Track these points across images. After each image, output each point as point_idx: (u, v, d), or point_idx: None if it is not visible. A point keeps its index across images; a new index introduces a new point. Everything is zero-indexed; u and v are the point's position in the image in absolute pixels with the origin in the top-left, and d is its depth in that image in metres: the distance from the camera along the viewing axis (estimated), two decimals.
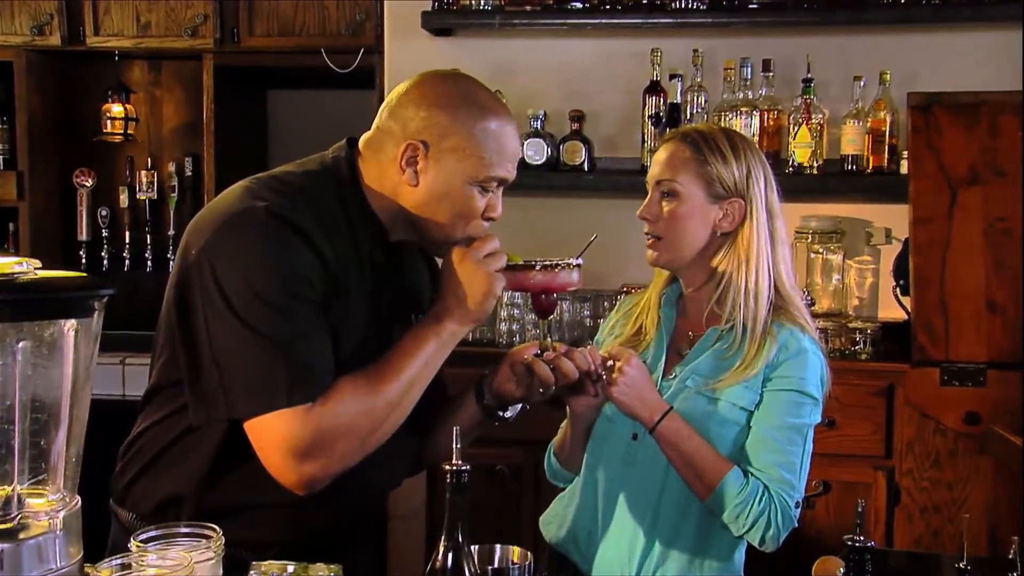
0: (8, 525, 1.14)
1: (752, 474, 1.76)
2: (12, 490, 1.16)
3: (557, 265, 1.66)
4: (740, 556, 1.86)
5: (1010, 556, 1.50)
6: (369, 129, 1.74)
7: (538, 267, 1.65)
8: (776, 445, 1.77)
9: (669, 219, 1.87)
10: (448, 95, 1.67)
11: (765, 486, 1.74)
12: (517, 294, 3.49)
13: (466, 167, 1.62)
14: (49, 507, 1.18)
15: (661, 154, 1.91)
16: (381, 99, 3.61)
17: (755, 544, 1.77)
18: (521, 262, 1.67)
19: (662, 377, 1.87)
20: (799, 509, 1.78)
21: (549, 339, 1.73)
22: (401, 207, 1.66)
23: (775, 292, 1.86)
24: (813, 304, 3.24)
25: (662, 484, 1.81)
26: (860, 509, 1.24)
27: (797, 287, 1.93)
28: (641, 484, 1.83)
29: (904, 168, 3.20)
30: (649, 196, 1.91)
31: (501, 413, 1.81)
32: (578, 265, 1.69)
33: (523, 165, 3.49)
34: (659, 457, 1.79)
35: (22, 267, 1.17)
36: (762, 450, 1.78)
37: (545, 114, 3.52)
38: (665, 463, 1.79)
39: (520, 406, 1.83)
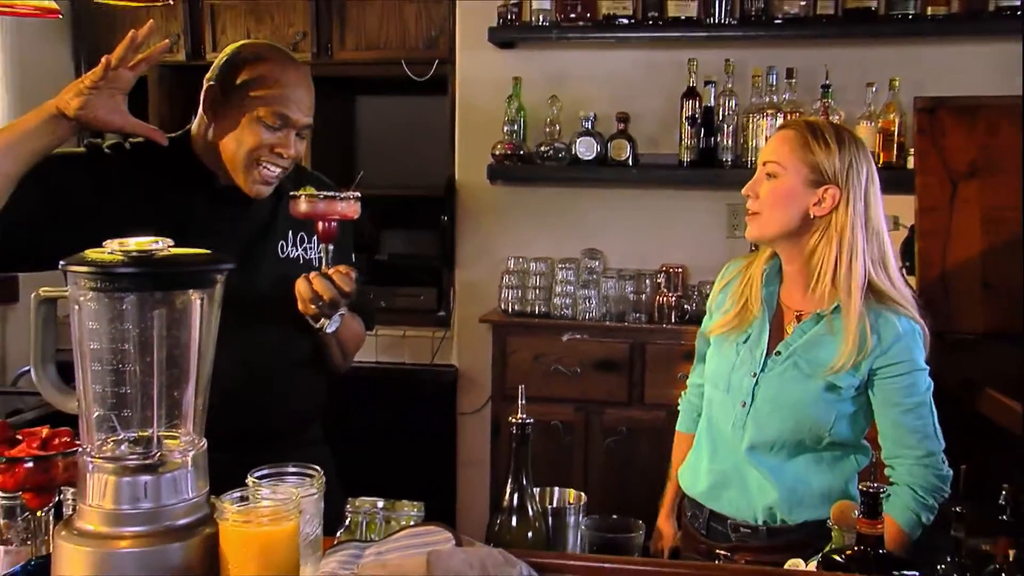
0: (150, 461, 1.18)
1: (894, 468, 1.69)
2: (152, 433, 1.20)
3: (337, 196, 1.70)
4: (854, 485, 1.75)
5: (1000, 502, 1.48)
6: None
7: (322, 196, 1.69)
8: (911, 425, 1.70)
9: (767, 196, 1.77)
10: (246, 49, 1.77)
11: (909, 488, 1.67)
12: (569, 273, 3.50)
13: (249, 103, 1.70)
14: (181, 447, 1.22)
15: (773, 139, 1.80)
16: (453, 104, 3.68)
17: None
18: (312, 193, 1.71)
19: (766, 354, 1.78)
20: (945, 463, 1.70)
21: (325, 261, 1.71)
22: (218, 153, 1.74)
23: (872, 279, 1.73)
24: None
25: (776, 437, 1.76)
26: (873, 460, 1.24)
27: (899, 273, 1.79)
28: (755, 440, 1.77)
29: (911, 163, 3.15)
30: (756, 175, 1.80)
31: (315, 325, 1.78)
32: (357, 197, 1.72)
33: (575, 160, 3.49)
34: (771, 418, 1.74)
35: (158, 245, 1.20)
36: (899, 436, 1.70)
37: (595, 116, 3.50)
38: (777, 422, 1.74)
39: (332, 320, 1.78)
